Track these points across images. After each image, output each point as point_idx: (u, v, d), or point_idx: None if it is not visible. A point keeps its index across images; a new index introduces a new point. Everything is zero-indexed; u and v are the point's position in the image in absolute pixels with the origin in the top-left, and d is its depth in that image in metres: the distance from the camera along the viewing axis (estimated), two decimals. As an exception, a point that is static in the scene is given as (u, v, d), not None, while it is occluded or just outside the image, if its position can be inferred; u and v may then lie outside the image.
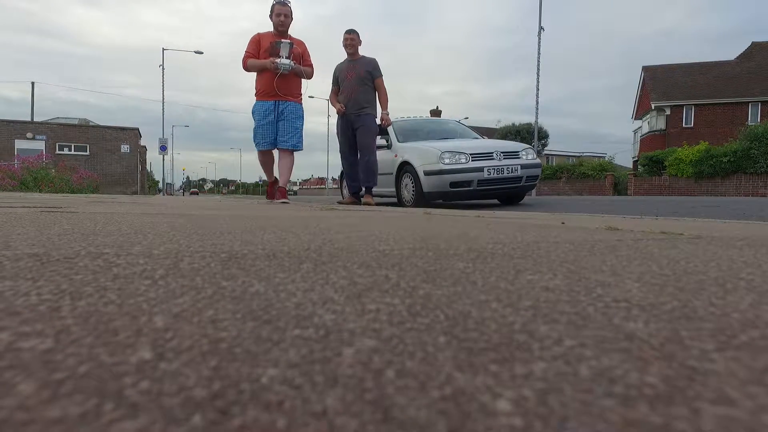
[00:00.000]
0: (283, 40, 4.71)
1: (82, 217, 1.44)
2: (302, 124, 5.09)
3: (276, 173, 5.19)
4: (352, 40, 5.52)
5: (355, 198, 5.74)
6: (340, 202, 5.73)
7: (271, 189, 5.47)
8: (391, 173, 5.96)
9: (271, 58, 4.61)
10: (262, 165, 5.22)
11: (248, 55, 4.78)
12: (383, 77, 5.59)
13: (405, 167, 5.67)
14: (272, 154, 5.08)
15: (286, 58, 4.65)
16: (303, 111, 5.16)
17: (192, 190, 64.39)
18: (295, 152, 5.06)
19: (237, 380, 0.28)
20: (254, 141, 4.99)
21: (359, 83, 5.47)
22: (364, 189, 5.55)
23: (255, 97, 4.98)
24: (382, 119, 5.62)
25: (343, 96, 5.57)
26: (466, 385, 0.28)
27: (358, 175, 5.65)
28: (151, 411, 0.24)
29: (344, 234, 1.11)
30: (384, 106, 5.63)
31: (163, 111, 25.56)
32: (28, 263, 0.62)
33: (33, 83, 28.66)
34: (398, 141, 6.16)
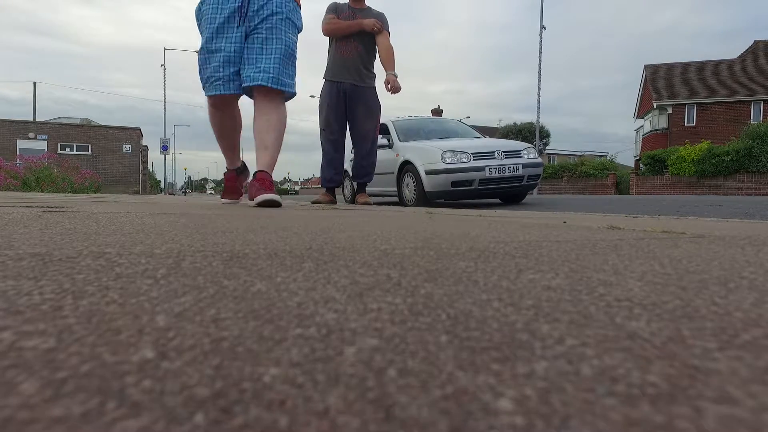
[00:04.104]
0: None
1: (84, 216, 1.44)
2: (296, 37, 2.47)
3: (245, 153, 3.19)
4: None
5: (332, 195, 4.44)
6: (314, 201, 4.25)
7: (232, 182, 2.90)
8: (393, 173, 5.96)
9: None
10: (217, 129, 2.63)
11: None
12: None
13: (406, 167, 5.68)
14: (236, 106, 2.59)
15: None
16: (301, 14, 2.54)
17: (184, 190, 69.59)
18: (286, 101, 2.49)
19: (239, 379, 0.28)
20: (201, 77, 2.48)
21: (362, 40, 4.09)
22: (357, 185, 4.66)
23: None
24: (387, 82, 4.10)
25: (339, 55, 4.10)
26: (467, 384, 0.28)
27: (341, 162, 4.45)
28: (154, 410, 0.24)
29: (346, 233, 1.11)
30: (390, 65, 4.05)
31: (165, 111, 25.64)
32: (31, 263, 0.62)
33: (35, 83, 28.76)
34: (399, 140, 6.16)
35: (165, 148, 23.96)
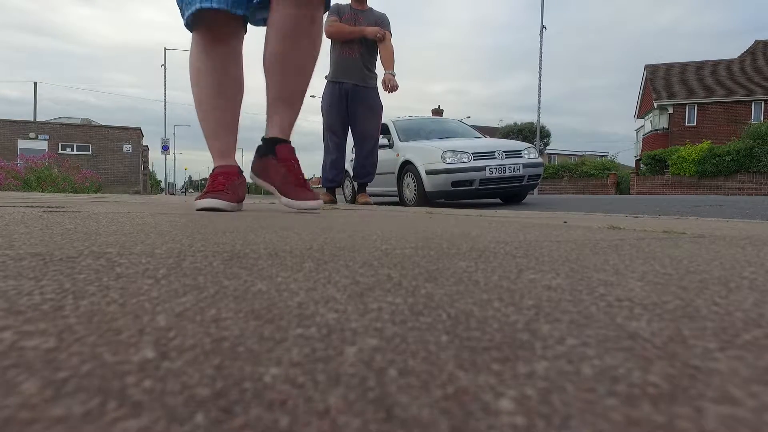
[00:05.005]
0: None
1: (85, 216, 1.44)
2: None
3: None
4: None
5: (332, 195, 4.56)
6: None
7: (218, 180, 1.79)
8: (393, 173, 5.96)
9: None
10: (204, 86, 1.67)
11: None
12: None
13: (407, 166, 5.68)
14: (239, 45, 1.68)
15: None
16: None
17: (185, 190, 69.95)
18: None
19: (240, 379, 0.28)
20: None
21: (364, 41, 4.10)
22: (357, 185, 4.74)
23: None
24: (385, 81, 4.17)
25: (341, 55, 4.13)
26: (468, 384, 0.28)
27: (343, 162, 4.54)
28: (154, 410, 0.24)
29: (346, 233, 1.11)
30: (390, 65, 4.12)
31: (165, 111, 25.65)
32: (32, 262, 0.62)
33: (36, 83, 28.80)
34: (400, 140, 6.16)
35: (165, 148, 23.98)
